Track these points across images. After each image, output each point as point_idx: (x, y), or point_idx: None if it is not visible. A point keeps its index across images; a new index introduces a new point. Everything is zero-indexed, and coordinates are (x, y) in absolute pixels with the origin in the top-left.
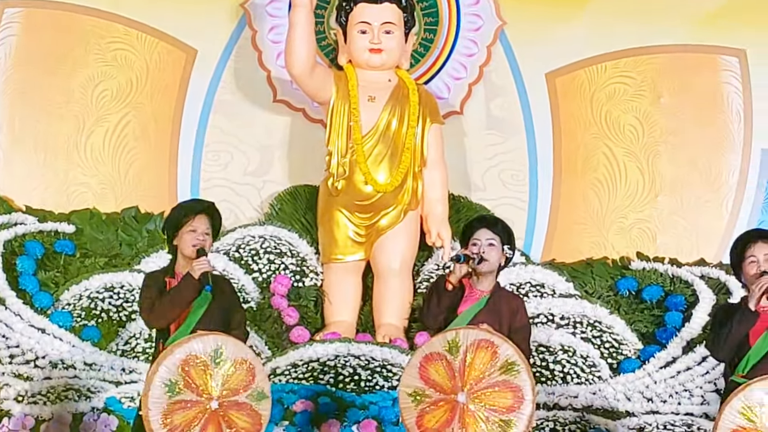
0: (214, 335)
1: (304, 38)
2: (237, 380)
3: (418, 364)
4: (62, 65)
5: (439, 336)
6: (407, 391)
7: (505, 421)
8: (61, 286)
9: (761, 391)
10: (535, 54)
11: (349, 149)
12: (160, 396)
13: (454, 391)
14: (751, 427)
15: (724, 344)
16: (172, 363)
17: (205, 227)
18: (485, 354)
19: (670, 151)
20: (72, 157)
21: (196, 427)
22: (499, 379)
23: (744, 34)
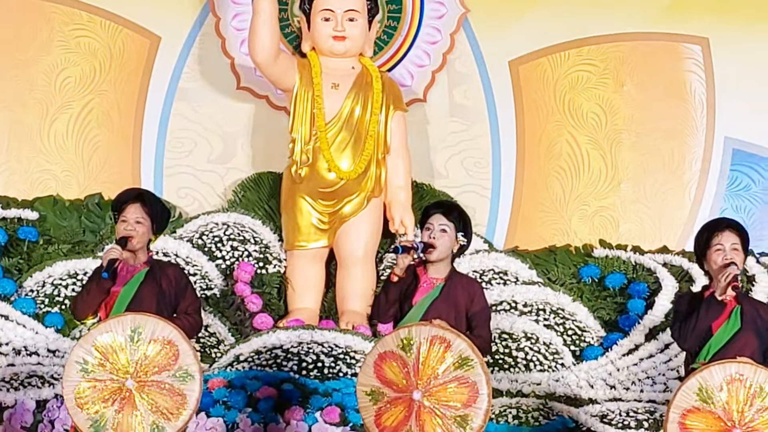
0: (133, 315)
1: (268, 25)
2: (157, 360)
3: (372, 362)
4: (25, 52)
5: (392, 334)
6: (364, 390)
7: (462, 417)
8: (25, 272)
9: (720, 374)
10: (499, 41)
11: (312, 136)
12: (74, 375)
13: (410, 388)
14: (706, 408)
15: (691, 334)
16: (87, 343)
17: (136, 216)
18: (439, 350)
19: (633, 139)
20: (35, 144)
21: (112, 406)
22: (454, 374)
23: (707, 23)
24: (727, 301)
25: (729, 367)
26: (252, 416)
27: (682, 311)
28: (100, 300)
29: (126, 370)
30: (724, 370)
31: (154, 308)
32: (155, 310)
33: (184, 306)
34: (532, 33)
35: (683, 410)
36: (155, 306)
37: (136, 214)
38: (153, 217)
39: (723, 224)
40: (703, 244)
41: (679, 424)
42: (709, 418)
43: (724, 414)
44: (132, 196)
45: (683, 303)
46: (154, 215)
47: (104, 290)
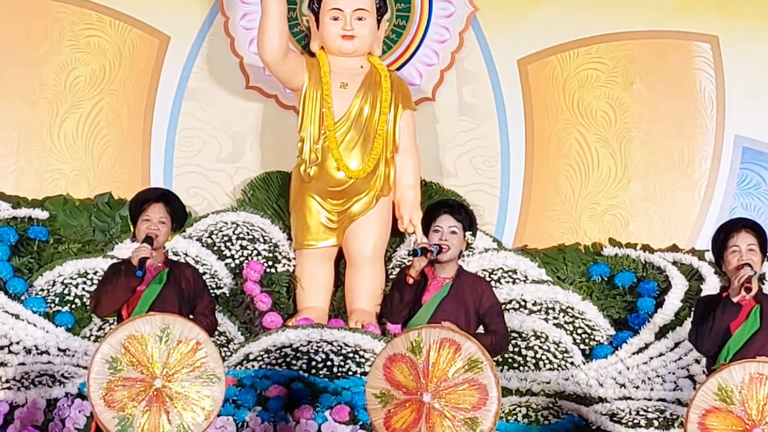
0: (162, 315)
1: (277, 25)
2: (185, 360)
3: (382, 365)
4: (35, 52)
5: (402, 336)
6: (374, 392)
7: (471, 419)
8: (35, 272)
9: (740, 373)
10: (508, 40)
11: (321, 135)
12: (101, 372)
13: (419, 391)
14: (725, 408)
15: (708, 338)
16: (115, 340)
17: (160, 216)
18: (448, 353)
19: (643, 138)
20: (45, 144)
21: (139, 405)
22: (464, 377)
23: (716, 21)
24: (743, 303)
25: (749, 367)
26: (262, 415)
27: (700, 314)
28: (127, 298)
29: (155, 369)
30: (744, 370)
31: (176, 309)
32: (177, 310)
33: (201, 307)
34: (540, 31)
35: (703, 410)
36: (177, 307)
37: (160, 213)
38: (174, 217)
39: (739, 225)
40: (720, 246)
41: (699, 424)
42: (729, 418)
43: (744, 414)
44: (155, 196)
45: (701, 306)
46: (176, 216)
47: (132, 289)
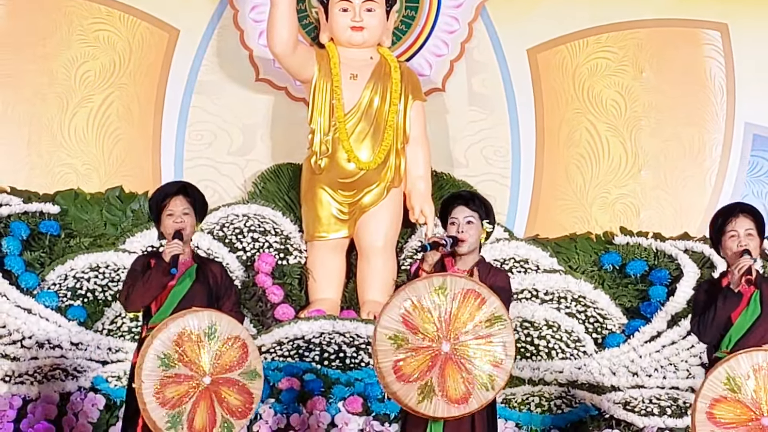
0: (208, 311)
1: (286, 17)
2: (230, 357)
3: (401, 307)
4: (45, 47)
5: (426, 280)
6: (387, 333)
7: (488, 375)
8: (47, 266)
9: (747, 362)
10: (517, 30)
11: (331, 127)
12: (154, 369)
13: (439, 339)
14: (733, 397)
15: (710, 328)
16: (166, 337)
17: (182, 208)
18: (473, 304)
19: (653, 126)
20: (56, 138)
21: (188, 402)
22: (485, 332)
23: (726, 8)
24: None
25: (756, 356)
26: (275, 407)
27: (701, 303)
28: (158, 294)
29: (204, 367)
30: (751, 359)
31: (205, 305)
32: (206, 306)
33: (229, 304)
34: (550, 21)
35: (711, 399)
36: (206, 303)
37: (182, 206)
38: (195, 208)
39: (737, 209)
40: (718, 230)
41: (707, 413)
42: (738, 407)
43: (752, 403)
44: (174, 190)
45: (701, 293)
46: (197, 206)
47: (164, 285)
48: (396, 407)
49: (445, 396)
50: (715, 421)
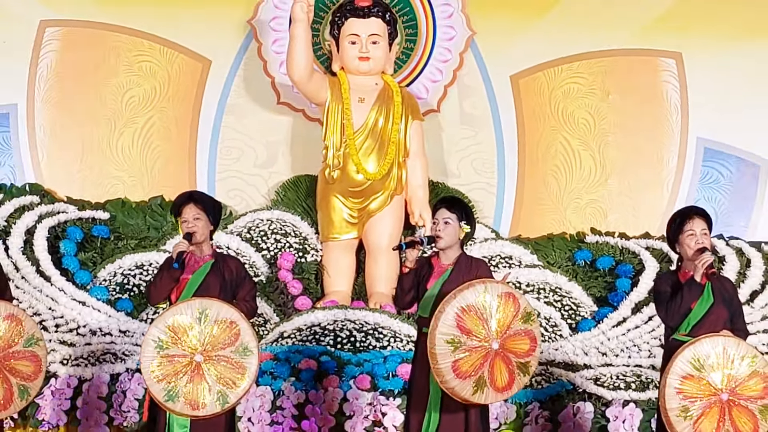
0: (200, 299)
1: (303, 49)
2: (221, 337)
3: (454, 314)
4: (96, 76)
5: (471, 289)
6: (445, 338)
7: (524, 364)
8: (98, 265)
9: (708, 345)
10: (501, 59)
11: (342, 143)
12: (150, 351)
13: (489, 338)
14: (698, 375)
15: (676, 314)
16: (161, 324)
17: (193, 214)
18: (510, 305)
19: (618, 141)
20: (106, 155)
21: (183, 377)
22: (522, 327)
23: (680, 39)
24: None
25: (716, 340)
26: (295, 384)
27: (664, 292)
28: (171, 287)
29: (195, 346)
30: (713, 342)
31: (217, 295)
32: (218, 296)
33: (243, 294)
34: (529, 51)
35: (680, 377)
36: (218, 293)
37: (192, 212)
38: (207, 211)
39: (693, 212)
40: (676, 229)
41: (676, 389)
42: (701, 384)
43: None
44: (184, 199)
45: (664, 284)
46: (208, 209)
47: (174, 279)
48: (399, 384)
49: (493, 386)
50: (682, 395)
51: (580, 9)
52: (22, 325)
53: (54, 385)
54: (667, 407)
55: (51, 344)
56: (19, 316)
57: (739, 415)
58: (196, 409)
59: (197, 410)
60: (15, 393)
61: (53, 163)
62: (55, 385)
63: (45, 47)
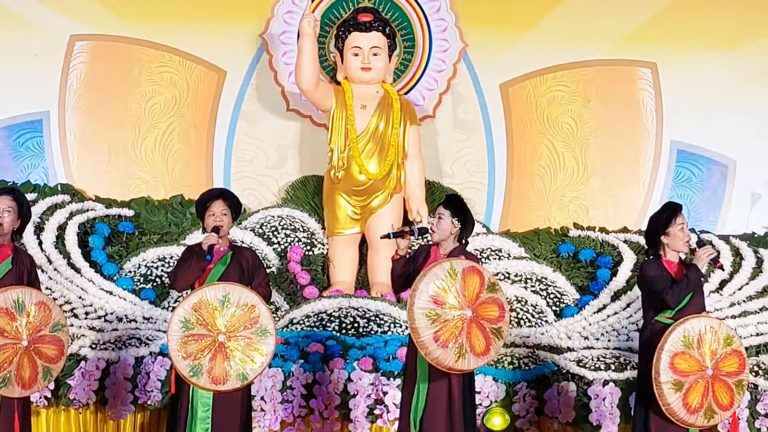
0: (223, 284)
1: (310, 60)
2: (242, 319)
3: (426, 288)
4: (121, 85)
5: (439, 266)
6: (422, 312)
7: (496, 329)
8: (124, 257)
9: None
10: (491, 69)
11: (346, 146)
12: (177, 330)
13: (462, 308)
14: (688, 352)
15: (682, 298)
16: (188, 305)
17: (221, 209)
18: (476, 277)
19: (599, 144)
20: (130, 157)
21: (207, 355)
22: (489, 296)
23: (655, 51)
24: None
25: (703, 320)
26: (304, 366)
27: (660, 277)
28: (198, 276)
29: (219, 327)
30: (700, 323)
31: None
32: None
33: (258, 281)
34: (517, 62)
35: (672, 353)
36: (238, 281)
37: (221, 207)
38: (231, 208)
39: (678, 207)
40: (666, 222)
41: (669, 364)
42: (690, 360)
43: (700, 357)
44: (215, 194)
45: (655, 270)
46: (232, 207)
47: (202, 269)
48: (398, 366)
49: (473, 351)
50: (675, 370)
51: (564, 23)
52: (50, 312)
53: (84, 367)
54: (661, 381)
55: (81, 330)
56: (48, 303)
57: (720, 388)
58: (219, 384)
59: (219, 385)
60: (39, 373)
61: (82, 165)
62: (84, 367)
63: (75, 59)
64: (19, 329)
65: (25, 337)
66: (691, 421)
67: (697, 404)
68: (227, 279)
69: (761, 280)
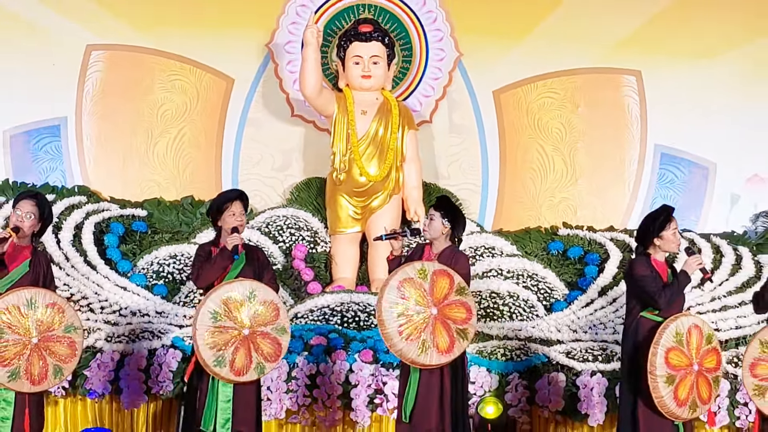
0: (249, 281)
1: (313, 69)
2: (265, 316)
3: (396, 284)
4: (135, 92)
5: (410, 265)
6: (390, 306)
7: (462, 330)
8: (137, 255)
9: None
10: (485, 77)
11: (348, 150)
12: (206, 321)
13: (428, 306)
14: (679, 347)
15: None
16: (217, 297)
17: (241, 210)
18: (446, 280)
19: (587, 147)
20: (143, 160)
21: (231, 347)
22: (456, 298)
23: (640, 59)
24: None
25: (691, 319)
26: (307, 358)
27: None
28: (220, 274)
29: (243, 321)
30: (689, 321)
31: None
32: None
33: (268, 278)
34: (509, 70)
35: (667, 348)
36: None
37: (239, 208)
38: (246, 210)
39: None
40: (661, 225)
41: (665, 359)
42: (681, 356)
43: (688, 352)
44: (236, 195)
45: (645, 269)
46: (246, 209)
47: (224, 267)
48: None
49: (437, 348)
50: (669, 365)
51: (553, 33)
52: (63, 313)
53: (100, 359)
54: (657, 374)
55: (97, 323)
56: (62, 305)
57: (702, 383)
58: (239, 375)
59: (240, 376)
60: (50, 371)
61: (98, 168)
62: (100, 359)
63: (91, 68)
64: (30, 326)
65: (35, 334)
66: (679, 413)
67: (684, 397)
68: (243, 276)
69: (740, 276)
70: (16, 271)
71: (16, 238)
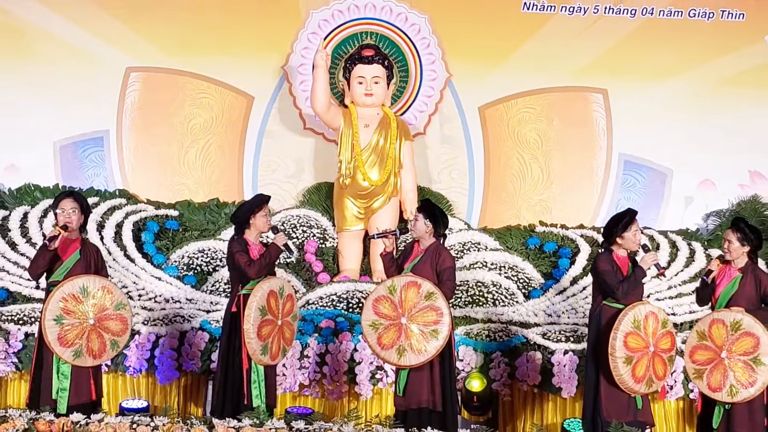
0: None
1: (323, 88)
2: (288, 307)
3: (371, 304)
4: (168, 108)
5: (382, 284)
6: (368, 323)
7: (433, 330)
8: (170, 250)
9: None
10: (471, 95)
11: (352, 158)
12: (257, 317)
13: (399, 317)
14: (637, 332)
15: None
16: (262, 293)
17: (268, 212)
18: (413, 290)
19: (560, 156)
20: (175, 167)
21: (274, 337)
22: (426, 304)
23: (606, 79)
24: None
25: (647, 306)
26: (317, 339)
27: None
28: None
29: (277, 313)
30: (645, 308)
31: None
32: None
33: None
34: (492, 89)
35: (625, 333)
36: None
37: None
38: None
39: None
40: (624, 226)
41: (623, 342)
42: (638, 339)
43: (645, 336)
44: (267, 198)
45: (606, 264)
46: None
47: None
48: None
49: (413, 350)
50: (627, 347)
51: (531, 57)
52: (112, 294)
53: (137, 340)
54: (617, 356)
55: (135, 309)
56: (110, 287)
57: (657, 363)
58: (274, 360)
59: (274, 360)
60: (108, 345)
61: (136, 174)
62: (138, 340)
63: (130, 87)
64: (86, 310)
65: (91, 316)
66: (636, 388)
67: (641, 375)
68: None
69: (693, 268)
70: (70, 260)
71: (66, 233)
